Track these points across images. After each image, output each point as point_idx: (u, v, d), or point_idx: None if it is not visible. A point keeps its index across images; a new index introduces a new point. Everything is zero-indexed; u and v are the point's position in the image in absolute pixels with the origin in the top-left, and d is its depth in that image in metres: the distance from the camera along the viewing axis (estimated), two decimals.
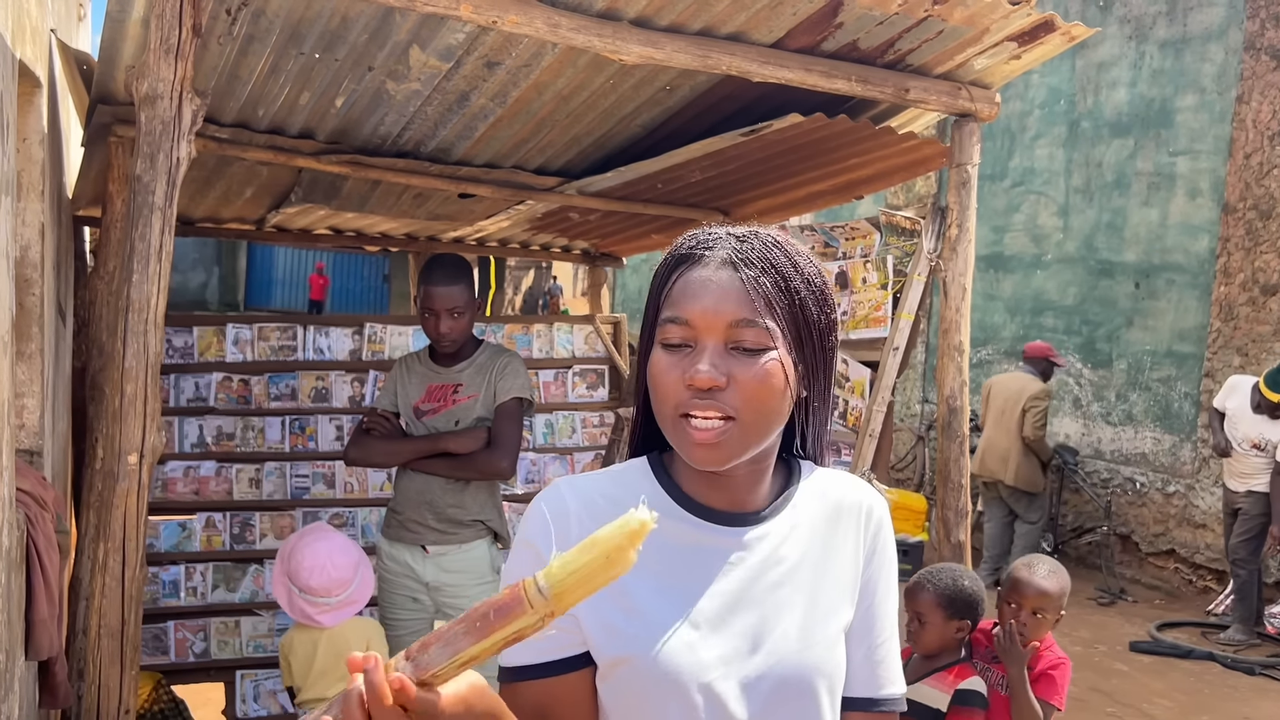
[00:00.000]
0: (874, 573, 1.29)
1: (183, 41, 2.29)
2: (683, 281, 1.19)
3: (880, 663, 1.29)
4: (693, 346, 1.16)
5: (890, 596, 1.31)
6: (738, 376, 1.13)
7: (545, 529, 1.20)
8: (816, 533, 1.26)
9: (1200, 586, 7.66)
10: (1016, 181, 9.43)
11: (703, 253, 1.20)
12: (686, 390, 1.14)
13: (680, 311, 1.16)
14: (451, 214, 4.66)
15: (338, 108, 3.33)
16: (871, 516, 1.30)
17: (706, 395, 1.13)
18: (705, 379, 1.12)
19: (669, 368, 1.16)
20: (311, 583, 3.11)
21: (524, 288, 21.53)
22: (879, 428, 3.47)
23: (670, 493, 1.23)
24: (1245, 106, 7.37)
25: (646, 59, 2.68)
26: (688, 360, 1.15)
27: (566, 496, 1.22)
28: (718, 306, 1.15)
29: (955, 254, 3.32)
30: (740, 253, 1.18)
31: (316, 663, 3.18)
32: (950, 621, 2.84)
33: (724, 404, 1.13)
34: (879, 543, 1.30)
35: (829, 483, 1.31)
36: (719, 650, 1.17)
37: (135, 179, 2.31)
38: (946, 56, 3.04)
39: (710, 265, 1.18)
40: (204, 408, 4.43)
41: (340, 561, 3.16)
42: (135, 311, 2.31)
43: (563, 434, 5.07)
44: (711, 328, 1.15)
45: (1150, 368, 8.13)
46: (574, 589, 0.89)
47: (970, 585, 2.88)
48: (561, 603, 0.89)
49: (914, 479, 9.94)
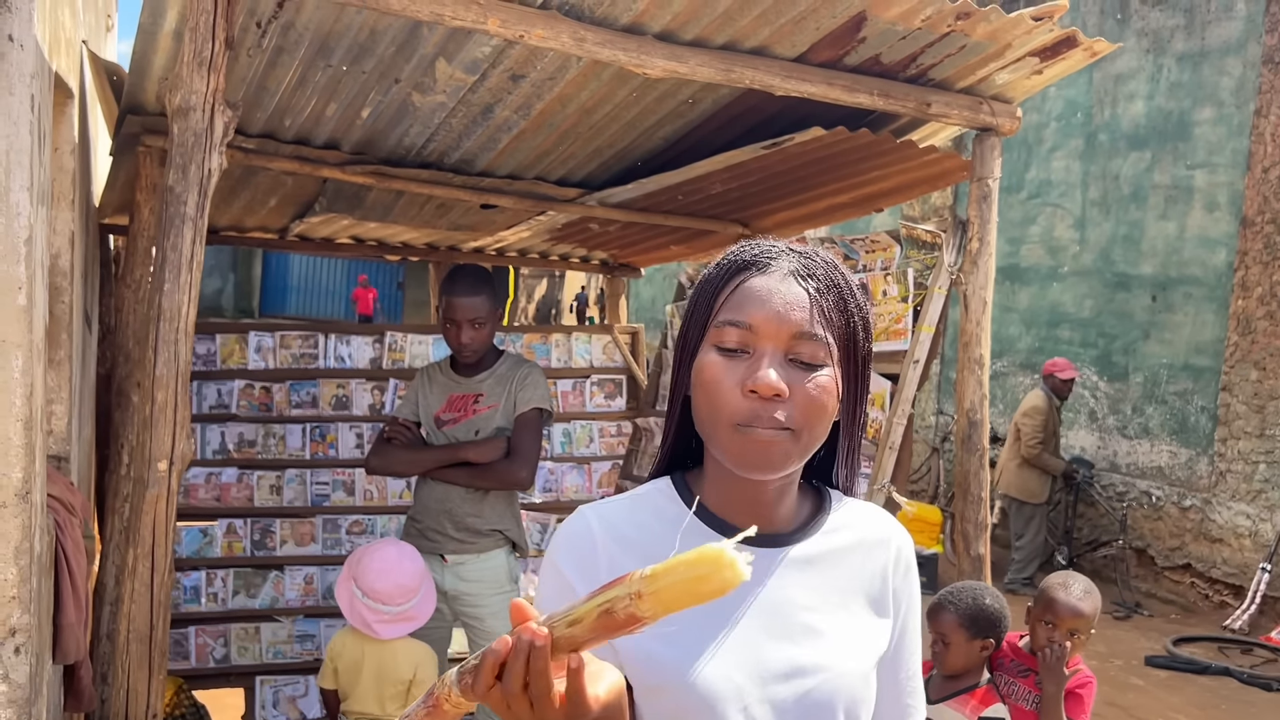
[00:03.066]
0: (903, 609, 1.30)
1: (215, 54, 2.33)
2: (746, 288, 1.17)
3: (911, 693, 1.31)
4: (750, 353, 1.14)
5: (917, 630, 1.33)
6: (796, 388, 1.13)
7: (571, 554, 1.20)
8: (848, 561, 1.26)
9: (1217, 601, 7.63)
10: (1033, 193, 9.42)
11: (767, 262, 1.19)
12: (746, 397, 1.12)
13: (743, 316, 1.15)
14: (473, 224, 4.69)
15: (364, 119, 3.37)
16: (901, 555, 1.30)
17: (770, 403, 1.12)
18: (772, 384, 1.11)
19: (725, 372, 1.14)
20: (377, 586, 3.12)
21: (537, 296, 21.59)
22: (899, 440, 3.47)
23: (698, 514, 1.22)
24: (1264, 120, 7.35)
25: (670, 73, 2.70)
26: (746, 367, 1.14)
27: (591, 523, 1.22)
28: (784, 315, 1.14)
29: (976, 267, 3.32)
30: (806, 268, 1.19)
31: (362, 676, 3.18)
32: (973, 641, 2.83)
33: (784, 415, 1.12)
34: (909, 581, 1.31)
35: (860, 514, 1.31)
36: (754, 674, 1.17)
37: (167, 189, 2.34)
38: (969, 71, 3.06)
39: (775, 275, 1.18)
40: (226, 414, 4.46)
41: (409, 569, 3.18)
42: (166, 320, 2.34)
43: (580, 443, 5.09)
44: (775, 336, 1.14)
45: (1167, 381, 8.11)
46: (668, 586, 0.86)
47: (992, 603, 2.86)
48: (652, 585, 0.86)
49: (929, 491, 9.92)
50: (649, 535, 1.21)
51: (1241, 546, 7.42)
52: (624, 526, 1.22)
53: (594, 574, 1.16)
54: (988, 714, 2.79)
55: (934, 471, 10.02)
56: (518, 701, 0.89)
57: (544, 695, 0.88)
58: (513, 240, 5.23)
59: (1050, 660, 2.83)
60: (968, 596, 2.86)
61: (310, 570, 4.32)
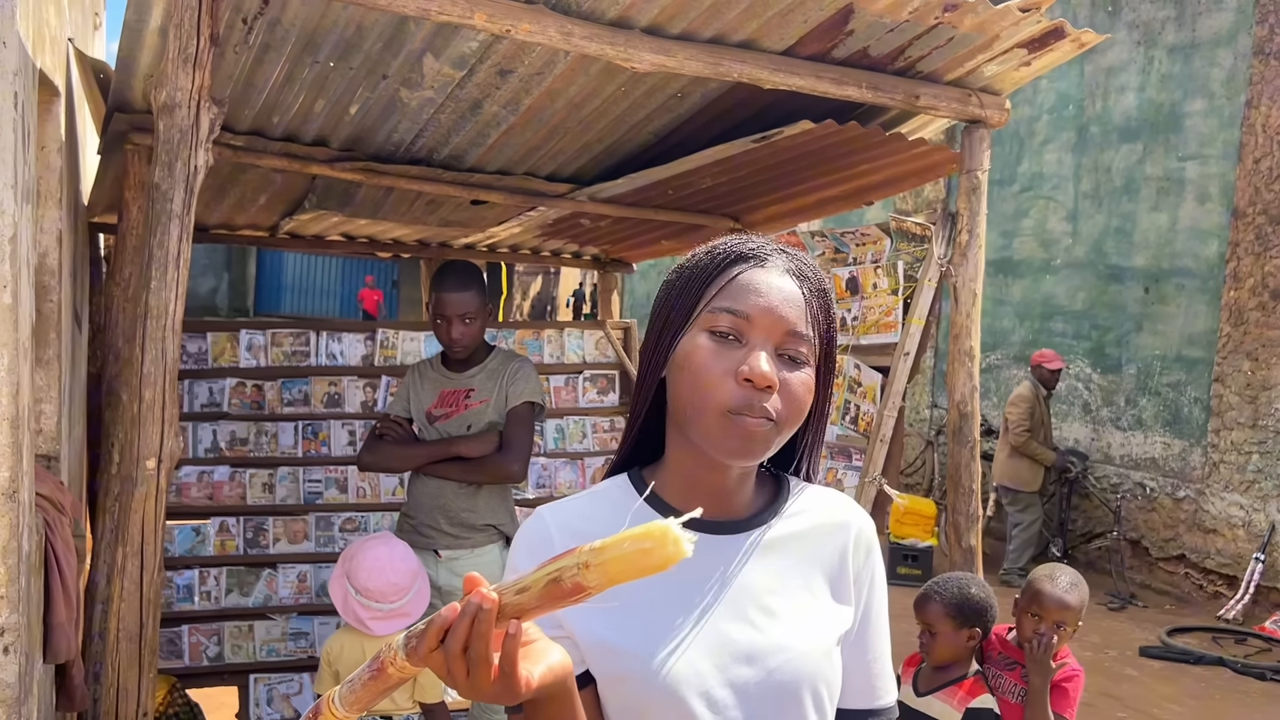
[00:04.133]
0: (865, 590, 1.31)
1: (200, 51, 2.32)
2: (745, 279, 1.20)
3: (876, 675, 1.32)
4: (742, 343, 1.17)
5: (883, 612, 1.33)
6: (783, 382, 1.16)
7: (529, 556, 1.20)
8: (808, 544, 1.27)
9: (1211, 592, 7.65)
10: (1025, 186, 9.43)
11: (764, 256, 1.22)
12: (739, 386, 1.14)
13: (742, 305, 1.17)
14: (463, 220, 4.69)
15: (352, 115, 3.36)
16: (862, 536, 1.31)
17: (762, 393, 1.14)
18: (767, 375, 1.13)
19: (715, 358, 1.16)
20: (369, 584, 3.11)
21: (532, 294, 21.58)
22: (889, 433, 3.48)
23: (654, 505, 1.21)
24: (1255, 111, 7.37)
25: (658, 67, 2.70)
26: (737, 354, 1.16)
27: (548, 522, 1.24)
28: (781, 311, 1.17)
29: (966, 259, 3.33)
30: (799, 269, 1.23)
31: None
32: (960, 630, 2.83)
33: (771, 406, 1.15)
34: (870, 562, 1.32)
35: (819, 498, 1.32)
36: (715, 658, 1.18)
37: (153, 187, 2.34)
38: (957, 63, 3.06)
39: (773, 271, 1.21)
40: (218, 413, 4.46)
41: (400, 568, 3.17)
42: (154, 318, 2.34)
43: (573, 439, 5.09)
44: (770, 330, 1.17)
45: (1160, 372, 8.13)
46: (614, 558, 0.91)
47: (978, 593, 2.87)
48: (599, 557, 0.90)
49: (923, 484, 9.94)
50: (607, 529, 1.20)
51: (1235, 537, 7.44)
52: (581, 523, 1.23)
53: None
54: (975, 704, 2.79)
55: (928, 465, 10.04)
56: (457, 664, 0.91)
57: (482, 660, 0.91)
58: (504, 236, 5.23)
59: (1037, 653, 2.82)
60: (953, 586, 2.87)
61: (304, 568, 4.31)
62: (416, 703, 3.18)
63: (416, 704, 3.18)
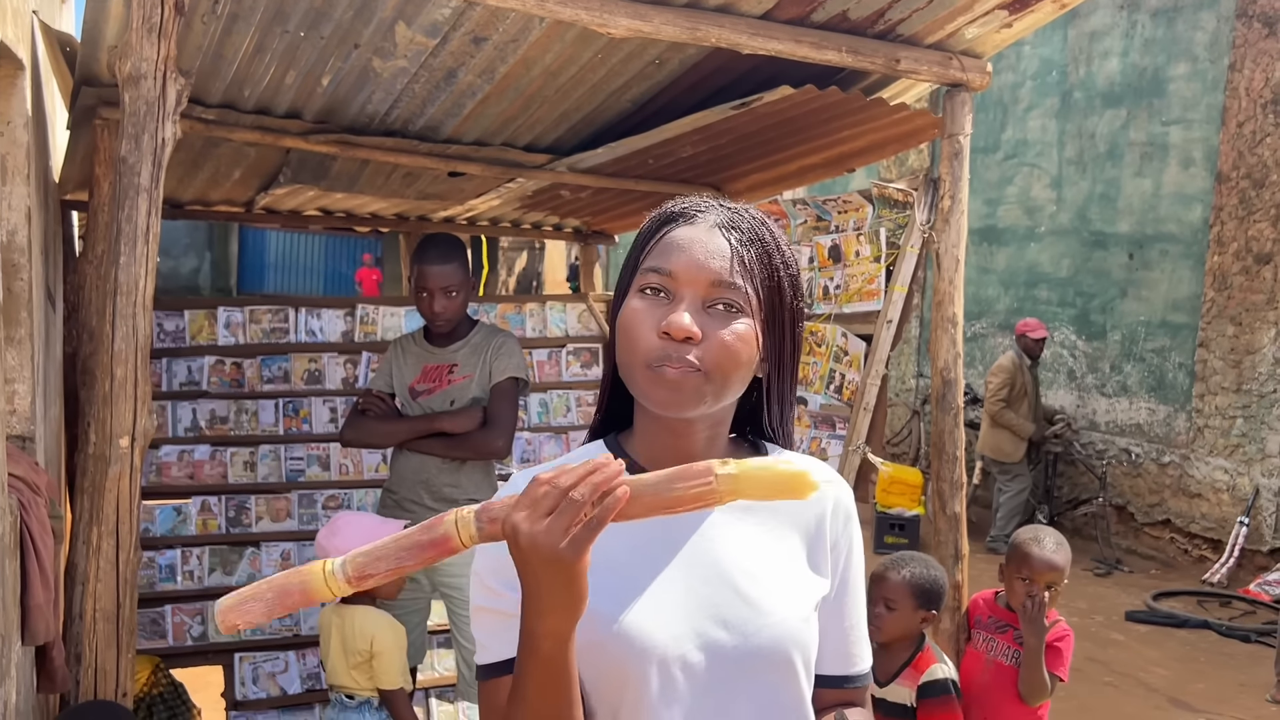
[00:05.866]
0: (844, 556, 1.31)
1: (165, 20, 2.27)
2: (671, 237, 1.21)
3: (853, 642, 1.32)
4: (670, 298, 1.17)
5: (860, 580, 1.34)
6: (711, 333, 1.16)
7: None
8: (784, 509, 1.26)
9: (1196, 556, 7.70)
10: (1009, 154, 9.40)
11: (694, 214, 1.23)
12: (659, 339, 1.15)
13: (664, 263, 1.19)
14: (441, 193, 4.63)
15: (324, 86, 3.30)
16: (840, 503, 1.31)
17: (682, 345, 1.14)
18: (684, 328, 1.14)
19: (643, 314, 1.18)
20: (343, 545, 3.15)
21: (517, 269, 21.47)
22: (873, 401, 3.46)
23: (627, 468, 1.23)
24: (1238, 74, 7.35)
25: (634, 32, 2.65)
26: (664, 310, 1.17)
27: (521, 486, 1.22)
28: (704, 263, 1.18)
29: (948, 225, 3.30)
30: (731, 220, 1.22)
31: (333, 648, 3.19)
32: (918, 611, 2.83)
33: (695, 357, 1.15)
34: (849, 530, 1.32)
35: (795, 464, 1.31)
36: (691, 623, 1.18)
37: (120, 160, 2.29)
38: (937, 26, 3.02)
39: (701, 226, 1.21)
40: (197, 391, 4.41)
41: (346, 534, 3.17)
42: (123, 294, 2.30)
43: (557, 413, 5.06)
44: (694, 282, 1.17)
45: (1144, 338, 8.14)
46: (750, 474, 1.01)
47: (940, 576, 2.89)
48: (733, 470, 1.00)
49: (909, 454, 9.96)
50: None
51: (1220, 501, 7.48)
52: None
53: None
54: (926, 677, 2.79)
55: (915, 434, 10.06)
56: (552, 499, 1.00)
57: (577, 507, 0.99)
58: (483, 209, 5.17)
59: (1031, 613, 2.86)
60: (919, 566, 2.87)
61: (287, 546, 4.29)
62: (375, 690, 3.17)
63: (375, 691, 3.17)
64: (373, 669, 3.12)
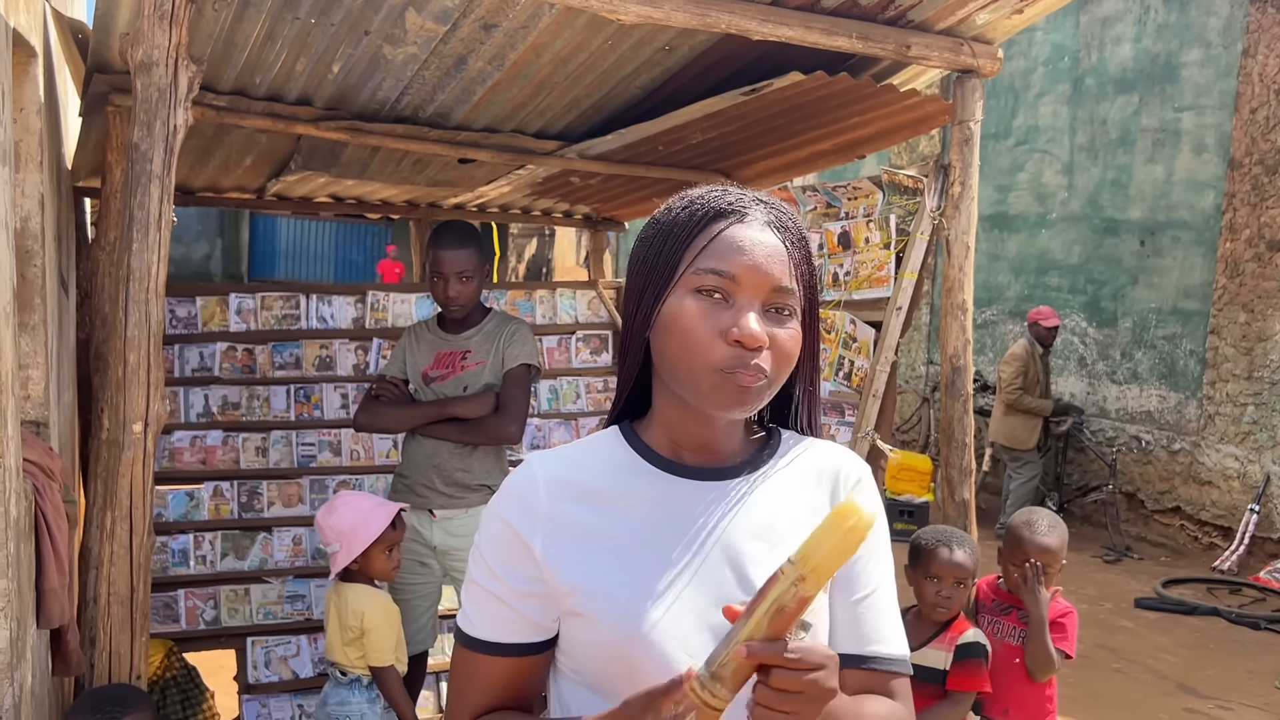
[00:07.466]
0: None
1: (177, 7, 2.28)
2: (729, 235, 1.18)
3: (861, 619, 1.26)
4: (729, 302, 1.16)
5: (876, 555, 1.28)
6: (772, 339, 1.16)
7: (513, 504, 1.24)
8: (795, 491, 1.26)
9: (1205, 543, 7.69)
10: (1020, 140, 9.36)
11: (744, 210, 1.21)
12: (729, 346, 1.14)
13: (726, 265, 1.16)
14: (452, 180, 4.64)
15: (335, 73, 3.31)
16: (851, 477, 1.30)
17: (752, 352, 1.14)
18: (759, 337, 1.14)
19: (703, 316, 1.16)
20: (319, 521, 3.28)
21: (527, 256, 21.47)
22: (882, 388, 3.46)
23: (642, 454, 1.25)
24: (1251, 60, 7.29)
25: (645, 18, 2.65)
26: (726, 314, 1.16)
27: (536, 474, 1.25)
28: (766, 268, 1.17)
29: (958, 211, 3.30)
30: (779, 220, 1.22)
31: (330, 624, 3.23)
32: (974, 582, 2.92)
33: (764, 362, 1.15)
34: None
35: (817, 448, 1.32)
36: (700, 605, 1.17)
37: (133, 147, 2.31)
38: (948, 11, 3.01)
39: (754, 225, 1.20)
40: (209, 377, 4.43)
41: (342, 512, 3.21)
42: (136, 280, 2.32)
43: (567, 399, 5.08)
44: (757, 287, 1.16)
45: (1155, 325, 8.11)
46: (818, 553, 0.99)
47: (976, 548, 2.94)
48: (808, 564, 0.99)
49: (919, 441, 9.95)
50: (595, 477, 1.25)
51: (1230, 488, 7.46)
52: (569, 470, 1.25)
53: (533, 520, 1.21)
54: (964, 640, 2.84)
55: (924, 421, 10.05)
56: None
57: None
58: (494, 196, 5.18)
59: (1030, 582, 2.88)
60: (965, 539, 2.92)
61: (299, 531, 4.31)
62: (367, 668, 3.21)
63: (367, 669, 3.21)
64: (364, 646, 3.16)
